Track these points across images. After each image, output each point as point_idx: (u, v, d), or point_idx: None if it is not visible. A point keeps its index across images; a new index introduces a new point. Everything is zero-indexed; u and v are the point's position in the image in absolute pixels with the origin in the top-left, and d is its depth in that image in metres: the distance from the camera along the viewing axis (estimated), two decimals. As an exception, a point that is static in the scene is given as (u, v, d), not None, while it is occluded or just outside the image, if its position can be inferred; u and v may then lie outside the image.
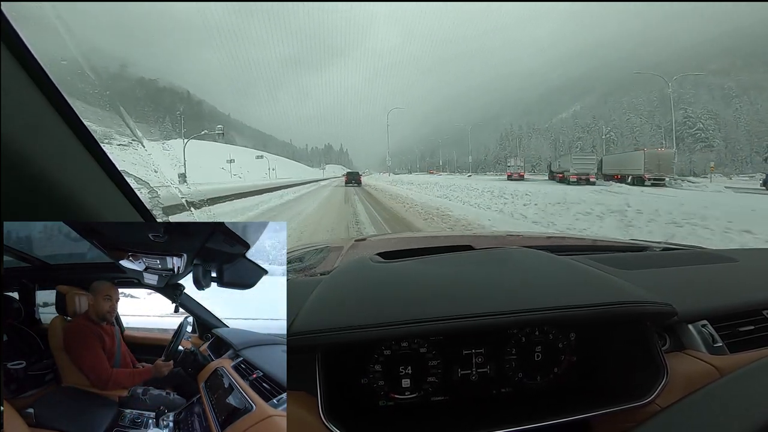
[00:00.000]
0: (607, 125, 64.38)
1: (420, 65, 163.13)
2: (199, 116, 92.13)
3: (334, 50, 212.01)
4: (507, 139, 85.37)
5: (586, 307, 0.65)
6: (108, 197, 0.58)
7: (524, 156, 63.15)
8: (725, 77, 64.87)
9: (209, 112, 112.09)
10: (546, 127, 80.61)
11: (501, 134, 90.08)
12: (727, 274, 1.01)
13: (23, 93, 0.45)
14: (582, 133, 67.75)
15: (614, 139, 60.98)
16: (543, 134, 78.57)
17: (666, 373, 0.64)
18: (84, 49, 0.75)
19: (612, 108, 70.91)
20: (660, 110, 59.44)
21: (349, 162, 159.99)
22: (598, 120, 68.00)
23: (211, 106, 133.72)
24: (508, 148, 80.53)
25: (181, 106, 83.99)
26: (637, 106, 64.40)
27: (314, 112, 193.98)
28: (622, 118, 63.85)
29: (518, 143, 79.82)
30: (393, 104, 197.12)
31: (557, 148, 67.29)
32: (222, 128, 59.74)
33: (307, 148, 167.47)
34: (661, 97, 60.33)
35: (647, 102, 64.04)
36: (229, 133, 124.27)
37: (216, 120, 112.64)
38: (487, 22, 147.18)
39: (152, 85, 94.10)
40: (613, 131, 62.24)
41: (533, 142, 75.93)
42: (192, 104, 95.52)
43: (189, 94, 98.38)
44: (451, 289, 0.72)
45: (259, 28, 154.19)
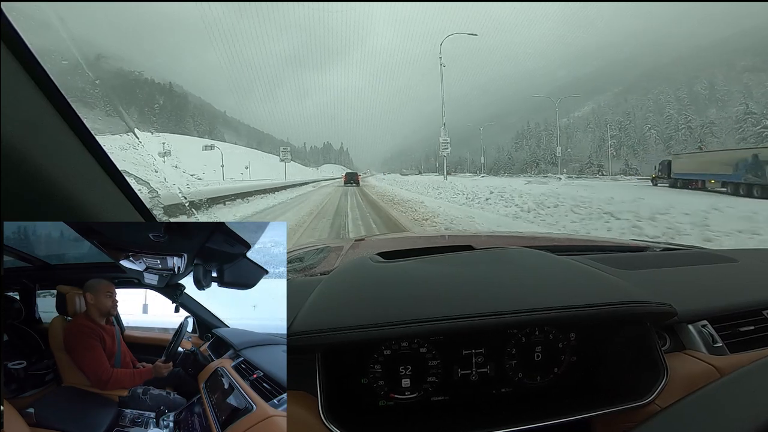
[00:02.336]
0: (643, 122, 57.49)
1: (420, 65, 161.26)
2: (181, 109, 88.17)
3: (333, 49, 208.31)
4: (524, 137, 77.09)
5: (586, 307, 0.65)
6: (108, 197, 0.58)
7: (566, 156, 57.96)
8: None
9: (198, 106, 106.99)
10: (566, 124, 72.37)
11: (517, 132, 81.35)
12: (727, 274, 1.01)
13: (23, 93, 0.45)
14: (616, 131, 59.51)
15: (656, 136, 54.55)
16: (565, 132, 67.95)
17: (666, 373, 0.64)
18: (84, 48, 0.75)
19: (637, 104, 64.28)
20: (691, 108, 54.03)
21: (350, 162, 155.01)
22: (632, 116, 60.32)
23: (207, 103, 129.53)
24: (526, 146, 74.24)
25: (161, 99, 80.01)
26: (662, 103, 58.10)
27: (314, 110, 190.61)
28: (662, 113, 56.36)
29: (537, 142, 72.04)
30: (394, 104, 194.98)
31: (597, 145, 60.22)
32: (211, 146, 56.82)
33: (306, 147, 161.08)
34: (692, 94, 57.04)
35: (675, 99, 57.38)
36: (218, 128, 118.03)
37: (205, 115, 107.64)
38: (486, 22, 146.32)
39: (140, 78, 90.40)
40: (653, 128, 55.74)
41: (575, 140, 65.88)
42: (173, 97, 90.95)
43: (171, 85, 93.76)
44: (452, 289, 0.72)
45: (254, 25, 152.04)
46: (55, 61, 0.62)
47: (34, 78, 0.46)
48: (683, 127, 52.08)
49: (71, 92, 0.53)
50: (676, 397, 0.60)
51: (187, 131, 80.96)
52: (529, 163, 70.34)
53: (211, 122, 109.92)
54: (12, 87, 0.43)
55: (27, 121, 0.45)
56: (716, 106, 51.88)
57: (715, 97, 54.59)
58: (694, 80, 60.71)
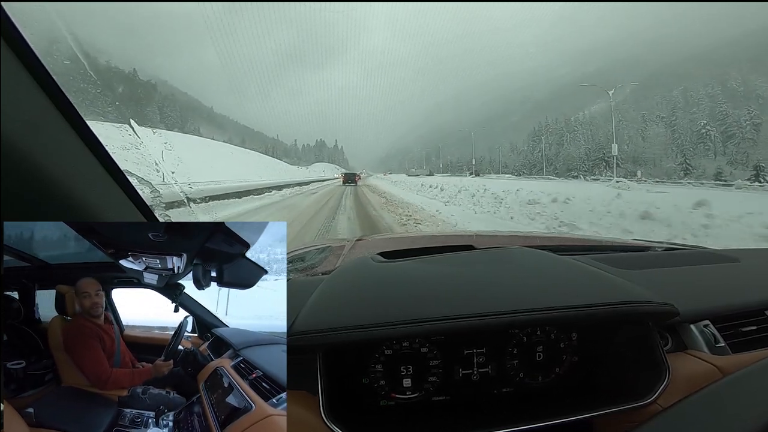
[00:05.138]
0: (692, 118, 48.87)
1: (414, 64, 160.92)
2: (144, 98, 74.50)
3: (328, 47, 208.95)
4: (543, 135, 66.15)
5: (587, 307, 0.65)
6: (109, 197, 0.58)
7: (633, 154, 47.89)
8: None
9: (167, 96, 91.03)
10: (582, 122, 63.45)
11: (534, 129, 70.35)
12: (730, 274, 1.01)
13: (24, 92, 0.45)
14: (662, 128, 51.45)
15: (712, 134, 46.07)
16: (588, 127, 59.56)
17: (668, 373, 0.64)
18: (85, 47, 0.75)
19: (659, 101, 57.00)
20: (728, 105, 47.82)
21: (345, 161, 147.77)
22: (680, 111, 51.37)
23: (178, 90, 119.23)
24: (550, 145, 63.20)
25: (120, 87, 70.46)
26: (697, 100, 50.95)
27: (307, 108, 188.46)
28: (714, 110, 48.79)
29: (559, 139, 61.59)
30: (389, 102, 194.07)
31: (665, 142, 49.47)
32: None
33: (297, 144, 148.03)
34: (725, 90, 51.32)
35: (707, 96, 50.99)
36: (192, 120, 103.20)
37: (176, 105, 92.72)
38: (482, 22, 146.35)
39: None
40: (709, 125, 47.05)
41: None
42: (135, 84, 75.05)
43: (136, 71, 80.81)
44: (453, 289, 0.72)
45: (249, 21, 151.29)
46: (56, 61, 0.63)
47: (36, 77, 0.46)
48: (747, 123, 45.16)
49: (72, 91, 0.53)
50: (677, 397, 0.59)
51: (149, 122, 67.48)
52: (578, 161, 56.77)
53: (182, 113, 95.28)
54: (13, 86, 0.43)
55: (28, 121, 0.45)
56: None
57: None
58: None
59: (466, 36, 56.78)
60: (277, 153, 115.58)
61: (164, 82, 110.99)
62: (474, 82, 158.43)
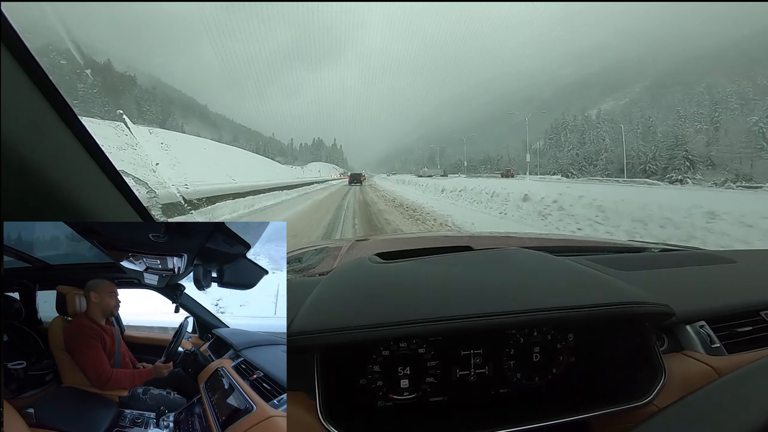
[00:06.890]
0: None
1: (413, 65, 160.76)
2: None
3: (326, 47, 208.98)
4: (560, 131, 62.26)
5: (584, 308, 0.66)
6: (107, 197, 0.58)
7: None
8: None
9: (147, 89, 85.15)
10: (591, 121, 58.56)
11: (551, 126, 66.45)
12: (725, 275, 1.02)
13: (23, 93, 0.45)
14: (690, 126, 44.74)
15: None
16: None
17: (664, 373, 0.65)
18: (83, 48, 0.75)
19: (674, 99, 53.47)
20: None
21: (344, 161, 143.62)
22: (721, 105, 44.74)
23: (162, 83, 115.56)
24: (571, 144, 56.82)
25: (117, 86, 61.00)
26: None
27: (305, 108, 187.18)
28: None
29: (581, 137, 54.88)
30: (388, 103, 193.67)
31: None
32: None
33: (293, 143, 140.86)
34: (757, 87, 45.51)
35: (737, 93, 45.34)
36: (175, 116, 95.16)
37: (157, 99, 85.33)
38: (481, 23, 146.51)
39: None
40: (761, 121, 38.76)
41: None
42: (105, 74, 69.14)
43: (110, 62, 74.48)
44: (450, 290, 0.72)
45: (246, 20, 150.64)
46: (54, 62, 0.62)
47: (34, 78, 0.46)
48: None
49: (70, 93, 0.53)
50: (674, 398, 0.60)
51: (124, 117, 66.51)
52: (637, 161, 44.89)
53: (165, 108, 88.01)
54: (11, 87, 0.43)
55: (26, 122, 0.45)
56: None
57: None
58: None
59: (467, 37, 56.30)
60: (270, 152, 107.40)
61: (149, 74, 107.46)
62: (474, 83, 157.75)
